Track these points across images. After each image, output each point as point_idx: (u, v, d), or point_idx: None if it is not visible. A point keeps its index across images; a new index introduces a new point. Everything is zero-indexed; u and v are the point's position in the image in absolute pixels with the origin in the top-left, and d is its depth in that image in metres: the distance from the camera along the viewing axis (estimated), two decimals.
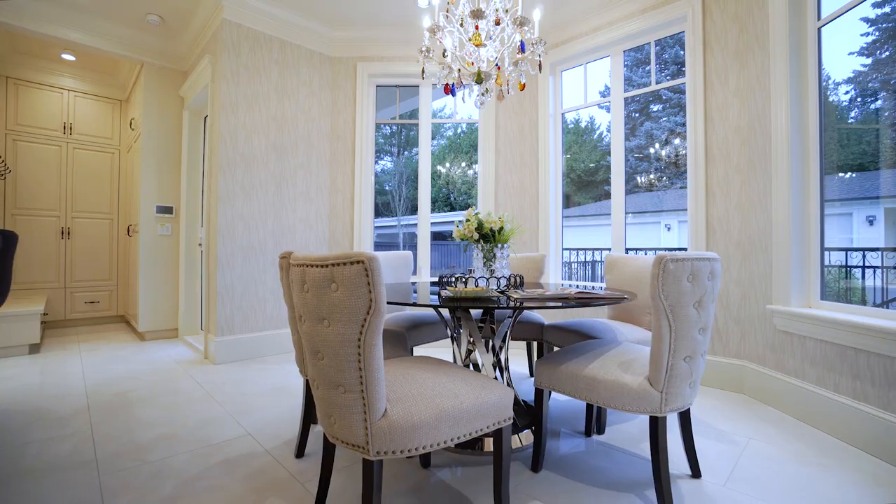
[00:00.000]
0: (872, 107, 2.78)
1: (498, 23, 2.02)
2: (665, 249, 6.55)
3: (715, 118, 2.83)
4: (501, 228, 1.99)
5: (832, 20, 2.26)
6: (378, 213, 4.29)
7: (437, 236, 12.01)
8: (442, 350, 3.81)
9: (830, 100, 2.62)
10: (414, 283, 2.50)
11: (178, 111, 4.27)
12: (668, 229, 11.03)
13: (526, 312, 2.65)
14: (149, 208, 4.12)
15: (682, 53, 3.01)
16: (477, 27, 2.01)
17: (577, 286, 2.62)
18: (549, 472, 1.72)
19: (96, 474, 1.68)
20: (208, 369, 3.14)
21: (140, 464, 1.77)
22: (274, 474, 1.70)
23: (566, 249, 4.89)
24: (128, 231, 4.73)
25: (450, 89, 2.18)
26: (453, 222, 2.14)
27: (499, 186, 3.94)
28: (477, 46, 2.01)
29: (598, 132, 13.06)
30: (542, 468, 1.74)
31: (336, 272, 1.10)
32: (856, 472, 1.74)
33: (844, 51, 2.58)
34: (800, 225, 2.36)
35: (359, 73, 3.95)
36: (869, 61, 2.92)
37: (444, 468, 1.75)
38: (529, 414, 2.08)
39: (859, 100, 2.93)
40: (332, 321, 1.12)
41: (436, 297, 1.70)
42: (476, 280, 1.80)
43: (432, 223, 4.06)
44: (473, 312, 2.02)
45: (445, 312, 2.14)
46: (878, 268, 3.42)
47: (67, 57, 4.39)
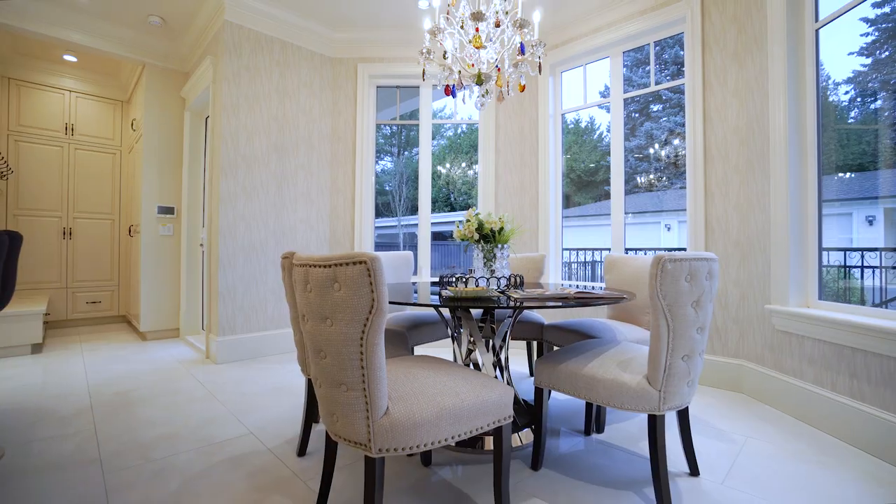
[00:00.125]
0: (872, 107, 2.79)
1: (498, 25, 2.03)
2: (665, 249, 6.57)
3: (714, 119, 2.85)
4: (501, 229, 2.00)
5: (829, 22, 2.28)
6: (378, 213, 4.31)
7: (438, 236, 12.02)
8: (442, 350, 3.82)
9: (830, 100, 2.64)
10: (414, 283, 2.52)
11: (180, 112, 4.29)
12: (668, 229, 11.03)
13: (526, 312, 2.67)
14: (150, 209, 4.14)
15: (682, 53, 3.01)
16: (477, 29, 2.03)
17: (577, 286, 2.63)
18: (548, 471, 1.74)
19: (100, 472, 1.70)
20: (210, 369, 3.16)
21: (144, 462, 1.79)
22: (276, 472, 1.72)
23: (566, 249, 4.91)
24: (129, 231, 4.75)
25: (450, 91, 2.20)
26: (453, 222, 2.15)
27: (499, 186, 3.95)
28: (477, 48, 2.03)
29: (598, 132, 13.06)
30: (541, 466, 1.76)
31: (339, 272, 1.11)
32: (854, 470, 1.76)
33: (844, 51, 2.59)
34: (798, 225, 2.38)
35: (359, 74, 3.97)
36: (869, 61, 2.93)
37: (444, 466, 1.77)
38: (529, 413, 2.10)
39: (859, 100, 2.94)
40: (334, 320, 1.14)
41: (436, 296, 1.71)
42: (476, 280, 1.82)
43: (432, 223, 4.07)
44: (474, 312, 2.04)
45: (446, 312, 2.16)
46: (876, 268, 3.44)
47: (69, 58, 4.41)
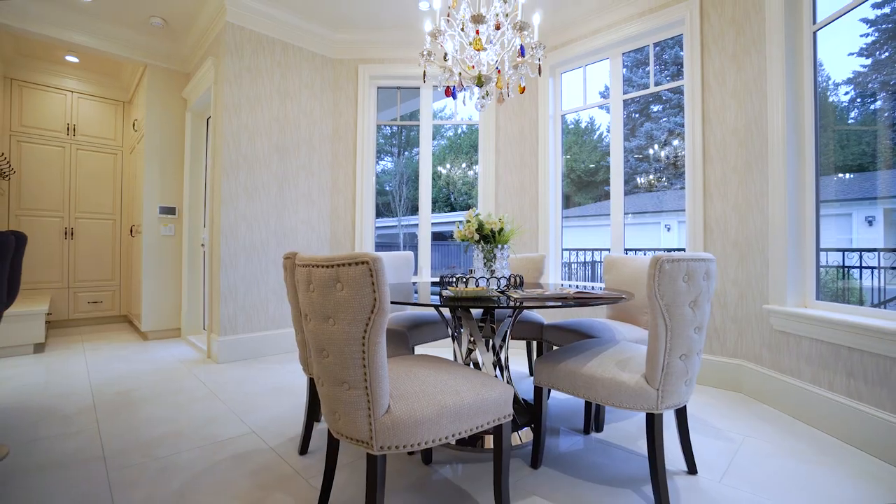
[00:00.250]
0: (872, 107, 2.80)
1: (498, 27, 2.05)
2: (665, 250, 6.58)
3: (713, 120, 2.86)
4: (501, 229, 2.02)
5: (827, 24, 2.29)
6: (378, 213, 4.33)
7: (438, 236, 12.04)
8: (443, 349, 3.84)
9: (830, 101, 2.64)
10: (415, 284, 2.53)
11: (181, 113, 4.30)
12: (668, 230, 11.04)
13: (526, 312, 2.68)
14: (152, 209, 4.15)
15: (683, 54, 3.03)
16: (477, 32, 2.05)
17: (576, 286, 2.65)
18: (548, 469, 1.75)
19: (104, 470, 1.72)
20: (211, 368, 3.18)
21: (147, 460, 1.80)
22: (279, 470, 1.74)
23: (566, 250, 4.92)
24: (131, 231, 4.77)
25: (451, 92, 2.22)
26: (454, 223, 2.17)
27: (499, 187, 3.97)
28: (477, 50, 2.05)
29: (598, 132, 13.07)
30: (541, 465, 1.77)
31: (341, 272, 1.13)
32: (852, 469, 1.77)
33: (844, 52, 2.60)
34: (795, 226, 2.40)
35: (360, 75, 3.99)
36: (869, 62, 2.94)
37: (445, 465, 1.79)
38: (529, 412, 2.11)
39: (859, 100, 2.95)
40: (337, 320, 1.16)
41: (437, 296, 1.73)
42: (476, 280, 1.84)
43: (433, 223, 4.09)
44: (474, 312, 2.06)
45: (446, 312, 2.17)
46: (874, 268, 3.45)
47: (71, 59, 4.43)
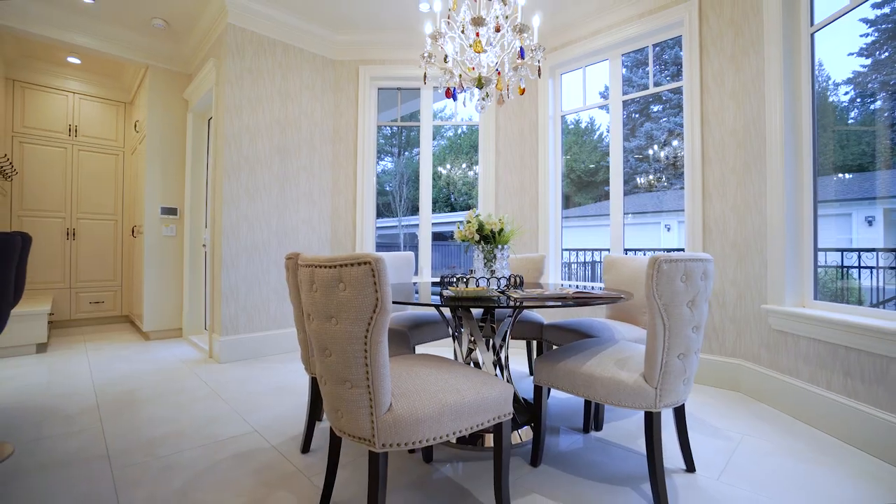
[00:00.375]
0: (872, 107, 2.80)
1: (498, 29, 2.07)
2: (664, 250, 6.59)
3: (711, 121, 2.88)
4: (502, 230, 2.04)
5: (825, 26, 2.31)
6: (379, 213, 4.34)
7: (438, 237, 12.05)
8: (443, 349, 3.85)
9: (830, 101, 2.65)
10: (416, 284, 2.55)
11: (183, 113, 4.32)
12: (668, 230, 11.06)
13: (525, 312, 2.70)
14: (153, 209, 4.17)
15: (682, 54, 3.05)
16: (478, 34, 2.06)
17: (576, 286, 2.67)
18: (547, 467, 1.77)
19: (108, 469, 1.73)
20: (213, 368, 3.20)
21: (151, 459, 1.82)
22: (281, 468, 1.75)
23: (566, 250, 4.94)
24: (132, 232, 4.79)
25: (451, 93, 2.23)
26: (454, 223, 2.18)
27: (499, 187, 3.99)
28: (478, 52, 2.06)
29: (598, 133, 13.09)
30: (541, 463, 1.79)
31: (344, 272, 1.15)
32: (850, 468, 1.79)
33: (844, 52, 2.61)
34: (793, 226, 2.41)
35: (361, 76, 4.00)
36: (868, 62, 2.95)
37: (446, 463, 1.80)
38: (529, 411, 2.13)
39: (859, 100, 2.96)
40: (339, 319, 1.17)
41: (437, 296, 1.75)
42: (477, 280, 1.85)
43: (433, 224, 4.11)
44: (474, 312, 2.07)
45: (447, 312, 2.19)
46: (873, 268, 3.47)
47: (73, 60, 4.44)
